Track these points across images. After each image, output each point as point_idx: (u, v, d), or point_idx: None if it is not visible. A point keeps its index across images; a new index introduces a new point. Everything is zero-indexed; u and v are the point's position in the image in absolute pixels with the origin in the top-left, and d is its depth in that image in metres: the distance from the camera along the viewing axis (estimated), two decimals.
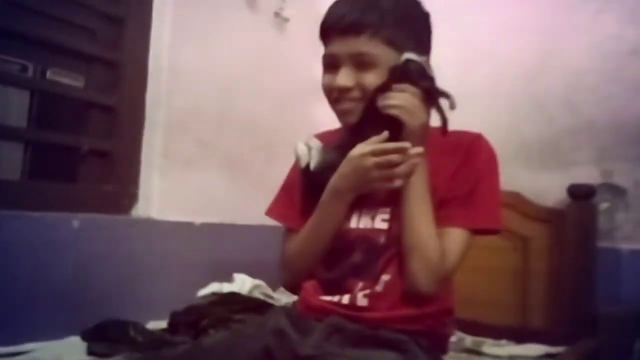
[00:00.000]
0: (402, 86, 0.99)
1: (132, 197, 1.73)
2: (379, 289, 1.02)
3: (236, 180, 1.98)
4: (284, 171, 1.25)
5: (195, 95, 1.85)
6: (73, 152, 1.66)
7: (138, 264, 1.63)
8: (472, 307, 1.76)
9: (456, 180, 1.05)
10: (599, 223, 1.81)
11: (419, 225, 1.00)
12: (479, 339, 1.68)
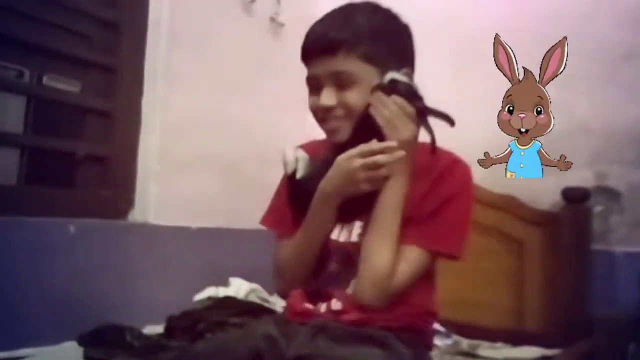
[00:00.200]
0: (398, 100, 1.00)
1: (129, 202, 1.73)
2: (349, 291, 1.04)
3: (232, 185, 1.98)
4: (280, 176, 1.25)
5: (191, 101, 1.85)
6: (69, 157, 1.67)
7: (134, 269, 1.63)
8: (468, 310, 1.78)
9: (424, 201, 1.05)
10: (594, 226, 1.82)
11: (376, 237, 1.01)
12: (475, 342, 1.69)
